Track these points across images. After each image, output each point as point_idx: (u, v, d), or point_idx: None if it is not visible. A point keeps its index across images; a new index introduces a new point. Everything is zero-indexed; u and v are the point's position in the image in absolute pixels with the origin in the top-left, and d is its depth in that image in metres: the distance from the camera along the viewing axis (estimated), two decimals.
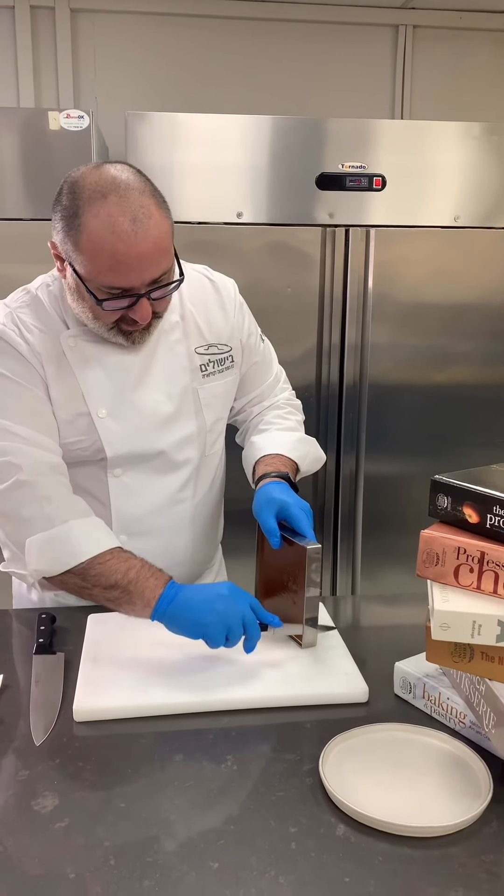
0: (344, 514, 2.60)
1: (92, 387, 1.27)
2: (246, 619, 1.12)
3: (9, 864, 0.82)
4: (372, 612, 1.55)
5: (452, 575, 0.99)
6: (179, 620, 1.13)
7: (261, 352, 1.48)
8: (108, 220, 1.09)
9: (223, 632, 1.10)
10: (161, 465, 1.35)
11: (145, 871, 0.80)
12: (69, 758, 0.98)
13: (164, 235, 1.14)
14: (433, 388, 2.54)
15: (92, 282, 1.14)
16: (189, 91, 2.94)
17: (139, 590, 1.15)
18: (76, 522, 1.20)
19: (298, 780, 0.94)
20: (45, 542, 1.19)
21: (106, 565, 1.17)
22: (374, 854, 0.82)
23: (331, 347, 2.45)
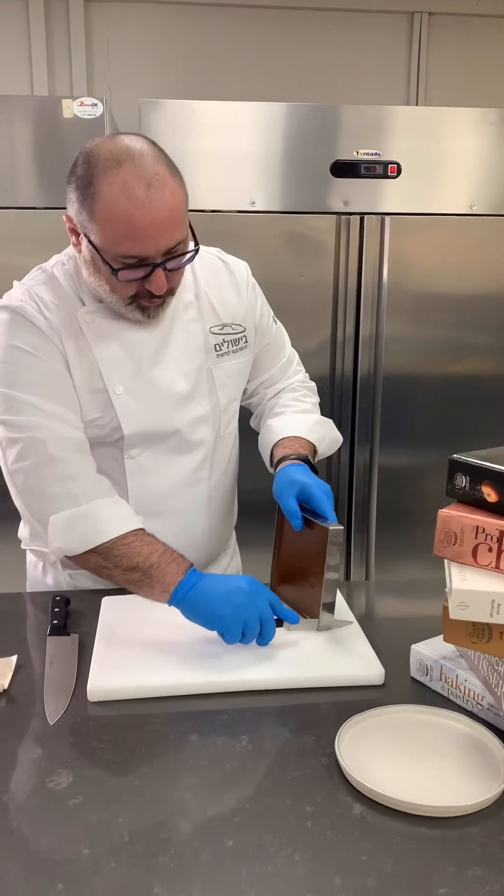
0: (358, 506, 2.58)
1: (109, 363, 1.27)
2: (263, 615, 1.11)
3: (23, 841, 0.81)
4: (387, 597, 1.54)
5: (471, 554, 0.97)
6: (197, 610, 1.13)
7: (273, 333, 1.47)
8: (122, 187, 1.09)
9: (240, 626, 1.09)
10: (177, 445, 1.34)
11: (160, 847, 0.79)
12: (83, 737, 0.98)
13: (178, 204, 1.14)
14: (448, 380, 2.52)
15: (107, 252, 1.14)
16: (202, 79, 2.93)
17: (160, 574, 1.15)
18: (101, 502, 1.20)
19: (314, 760, 0.93)
20: (70, 520, 1.19)
21: (129, 547, 1.18)
22: (392, 833, 0.81)
23: (345, 338, 2.44)
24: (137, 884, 0.75)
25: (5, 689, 1.08)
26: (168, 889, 0.74)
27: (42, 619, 1.29)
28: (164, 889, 0.74)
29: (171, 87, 2.86)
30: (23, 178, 2.29)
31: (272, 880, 0.75)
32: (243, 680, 1.07)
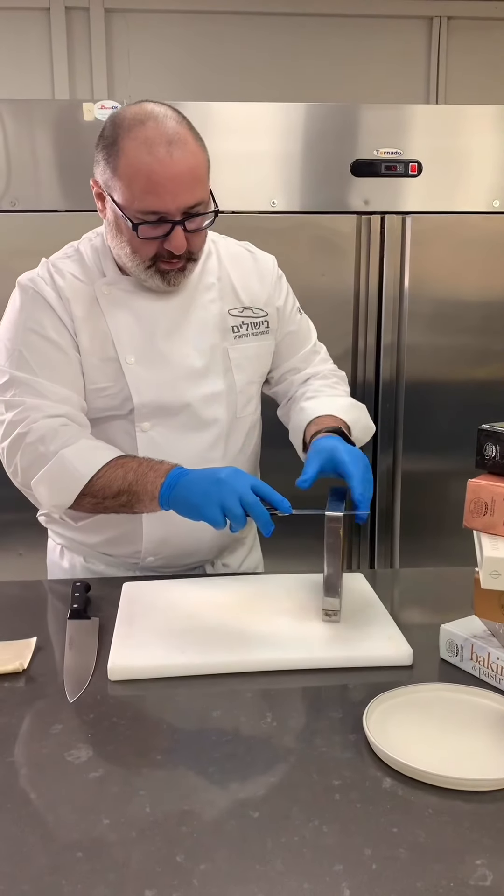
0: (381, 513, 2.54)
1: (122, 332, 1.28)
2: (244, 499, 1.09)
3: (42, 811, 0.79)
4: (414, 583, 1.50)
5: (502, 525, 0.94)
6: (180, 506, 1.15)
7: (297, 322, 1.47)
8: (145, 142, 1.14)
9: (219, 512, 1.09)
10: (189, 422, 1.33)
11: (183, 818, 0.77)
12: (103, 713, 0.95)
13: (199, 163, 1.17)
14: (471, 385, 2.49)
15: (129, 208, 1.17)
16: (222, 86, 2.95)
17: (142, 487, 1.18)
18: (66, 451, 1.23)
19: (341, 736, 0.90)
20: (46, 477, 1.23)
21: (104, 477, 1.21)
22: (424, 807, 0.78)
23: (366, 342, 2.42)
24: (159, 853, 0.72)
25: (24, 668, 1.06)
26: (190, 858, 0.71)
27: (62, 605, 1.26)
28: (186, 858, 0.71)
29: (190, 90, 2.88)
30: (44, 182, 2.31)
31: (299, 850, 0.72)
32: (267, 659, 1.04)
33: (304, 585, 1.26)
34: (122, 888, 0.68)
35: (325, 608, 1.14)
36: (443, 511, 2.53)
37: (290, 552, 1.60)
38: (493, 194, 2.41)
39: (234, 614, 1.16)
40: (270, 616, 1.15)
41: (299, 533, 1.73)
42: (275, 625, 1.13)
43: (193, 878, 0.69)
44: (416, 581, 1.51)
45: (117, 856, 0.72)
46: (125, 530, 1.36)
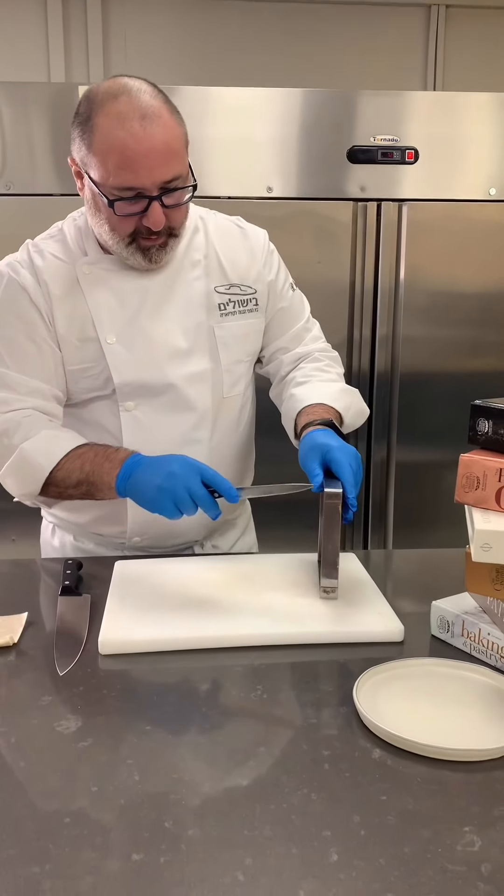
0: (375, 504, 2.54)
1: (102, 312, 1.28)
2: (193, 492, 1.11)
3: (31, 779, 0.79)
4: (405, 563, 1.50)
5: (494, 499, 0.94)
6: (136, 498, 1.17)
7: (288, 298, 1.44)
8: (118, 116, 1.13)
9: (171, 504, 1.12)
10: (173, 401, 1.32)
11: (171, 786, 0.76)
12: (93, 686, 0.95)
13: (174, 138, 1.16)
14: (466, 377, 2.49)
15: (105, 185, 1.16)
16: (219, 70, 2.94)
17: (99, 478, 1.20)
18: (26, 444, 1.25)
19: (332, 709, 0.90)
20: (10, 471, 1.26)
21: (63, 469, 1.23)
22: (412, 776, 0.78)
23: (362, 334, 2.41)
24: (147, 819, 0.72)
25: (15, 642, 1.05)
26: (178, 824, 0.71)
27: (54, 582, 1.26)
28: (174, 824, 0.71)
29: (187, 74, 2.87)
30: (40, 165, 2.30)
31: (287, 817, 0.72)
32: (258, 634, 1.04)
33: (295, 564, 1.26)
34: (110, 852, 0.68)
35: (324, 585, 1.14)
36: (436, 501, 2.53)
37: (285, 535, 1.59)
38: (489, 182, 2.40)
39: (226, 591, 1.16)
40: (262, 593, 1.15)
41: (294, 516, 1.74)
42: (266, 601, 1.13)
43: (181, 843, 0.69)
44: (408, 561, 1.51)
45: (105, 822, 0.72)
46: (111, 510, 1.35)
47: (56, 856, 0.67)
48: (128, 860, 0.67)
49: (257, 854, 0.67)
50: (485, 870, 0.66)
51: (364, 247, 2.37)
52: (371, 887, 0.64)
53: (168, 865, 0.66)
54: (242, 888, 0.64)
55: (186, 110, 2.34)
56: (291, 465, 1.45)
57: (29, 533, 1.61)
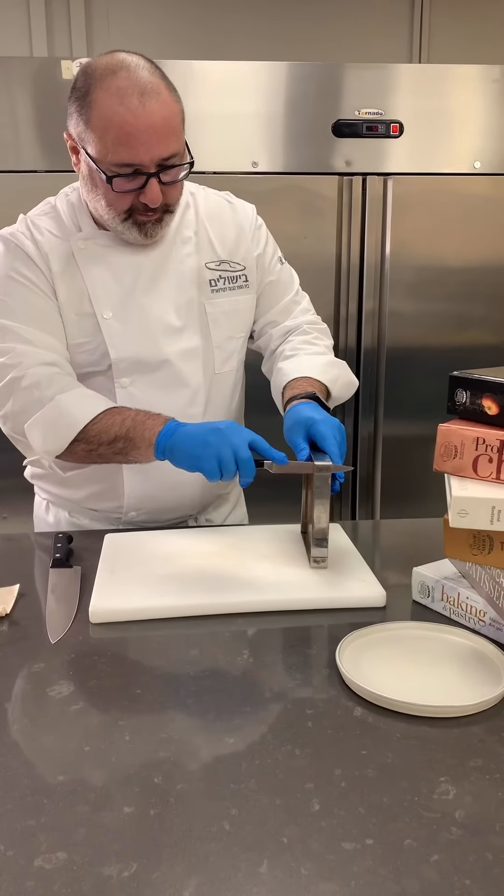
0: (362, 478, 2.57)
1: (98, 288, 1.29)
2: (238, 454, 1.11)
3: (25, 739, 0.82)
4: (388, 532, 1.53)
5: (471, 467, 0.97)
6: (177, 454, 1.16)
7: (277, 272, 1.46)
8: (117, 93, 1.13)
9: (215, 464, 1.11)
10: (167, 378, 1.34)
11: (160, 745, 0.79)
12: (84, 653, 0.98)
13: (173, 114, 1.16)
14: (452, 351, 2.51)
15: (103, 161, 1.16)
16: (202, 40, 2.92)
17: (140, 433, 1.19)
18: (63, 395, 1.24)
19: (315, 670, 0.93)
20: (41, 421, 1.24)
21: (101, 423, 1.23)
22: (392, 732, 0.81)
23: (348, 309, 2.42)
24: (137, 775, 0.75)
25: (7, 613, 1.08)
26: (168, 779, 0.74)
27: (45, 556, 1.29)
28: (163, 779, 0.74)
29: (171, 48, 2.85)
30: (23, 141, 2.29)
31: (272, 771, 0.75)
32: (244, 601, 1.07)
33: (282, 535, 1.29)
34: (102, 806, 0.71)
35: (315, 556, 1.16)
36: (423, 474, 2.53)
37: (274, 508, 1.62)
38: (474, 155, 2.41)
39: (214, 561, 1.19)
40: (249, 562, 1.18)
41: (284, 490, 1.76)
42: (253, 570, 1.15)
43: (170, 796, 0.72)
44: (393, 531, 1.54)
45: (97, 778, 0.75)
46: (108, 485, 1.37)
47: (50, 809, 0.71)
48: (119, 813, 0.70)
49: (243, 805, 0.71)
50: (458, 816, 0.69)
51: (350, 221, 2.37)
52: (351, 833, 0.67)
53: (158, 817, 0.69)
54: (229, 836, 0.67)
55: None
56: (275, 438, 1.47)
57: (21, 510, 1.63)
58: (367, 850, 0.65)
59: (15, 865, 0.64)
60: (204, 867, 0.64)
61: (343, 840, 0.66)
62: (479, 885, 0.62)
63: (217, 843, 0.66)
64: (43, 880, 0.63)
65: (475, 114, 2.39)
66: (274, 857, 0.65)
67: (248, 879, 0.63)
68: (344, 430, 1.22)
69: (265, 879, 0.63)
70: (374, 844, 0.66)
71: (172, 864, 0.64)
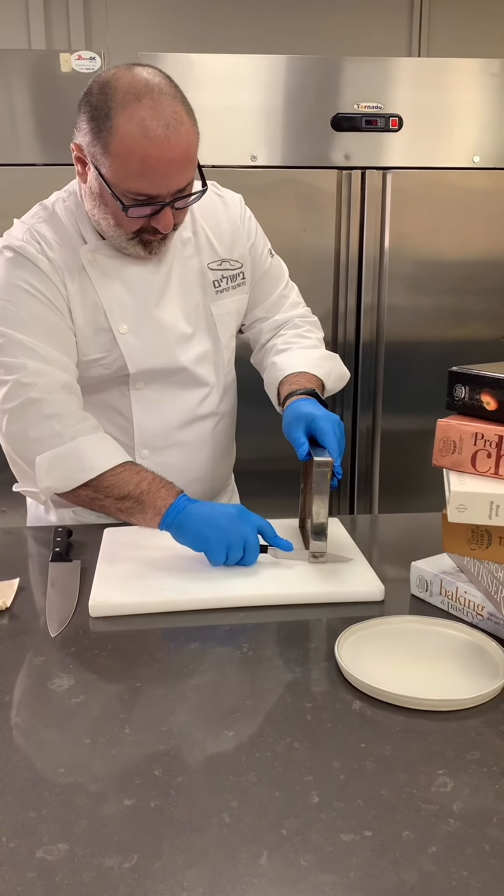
0: (361, 472, 2.58)
1: (113, 302, 1.28)
2: (248, 541, 1.12)
3: (26, 732, 0.82)
4: (387, 526, 1.54)
5: (470, 462, 0.97)
6: (185, 531, 1.15)
7: (267, 264, 1.45)
8: (141, 123, 1.08)
9: (223, 548, 1.12)
10: (183, 381, 1.35)
11: (160, 738, 0.80)
12: (85, 647, 0.98)
13: (193, 144, 1.14)
14: (450, 345, 2.51)
15: (118, 186, 1.14)
16: (202, 32, 2.91)
17: (151, 499, 1.18)
18: (85, 439, 1.22)
19: (314, 664, 0.94)
20: (56, 458, 1.21)
21: (119, 477, 1.21)
22: (391, 725, 0.82)
23: (347, 303, 2.42)
24: (138, 768, 0.75)
25: (7, 607, 1.08)
26: (167, 772, 0.75)
27: (44, 550, 1.29)
28: (163, 772, 0.75)
29: (169, 41, 2.84)
30: (22, 135, 2.28)
31: (271, 764, 0.76)
32: (243, 595, 1.08)
33: (281, 529, 1.29)
34: (103, 798, 0.72)
35: (314, 550, 1.17)
36: (421, 468, 2.54)
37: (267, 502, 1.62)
38: (473, 149, 2.41)
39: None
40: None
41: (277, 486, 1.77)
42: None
43: (170, 788, 0.73)
44: (391, 525, 1.54)
45: (98, 771, 0.75)
46: None
47: (51, 802, 0.71)
48: (120, 805, 0.71)
49: (242, 797, 0.71)
50: (456, 808, 0.70)
51: (349, 215, 2.37)
52: (350, 825, 0.68)
53: (158, 809, 0.70)
54: (228, 828, 0.68)
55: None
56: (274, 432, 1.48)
57: (19, 504, 1.62)
58: (365, 841, 0.66)
59: (17, 857, 0.65)
60: (204, 859, 0.65)
61: (342, 832, 0.67)
62: (477, 876, 0.63)
63: (217, 834, 0.67)
64: (44, 871, 0.63)
65: (474, 108, 2.38)
66: (274, 849, 0.65)
67: (248, 871, 0.63)
68: (343, 426, 1.23)
69: (265, 871, 0.63)
70: (372, 836, 0.67)
71: (173, 856, 0.65)
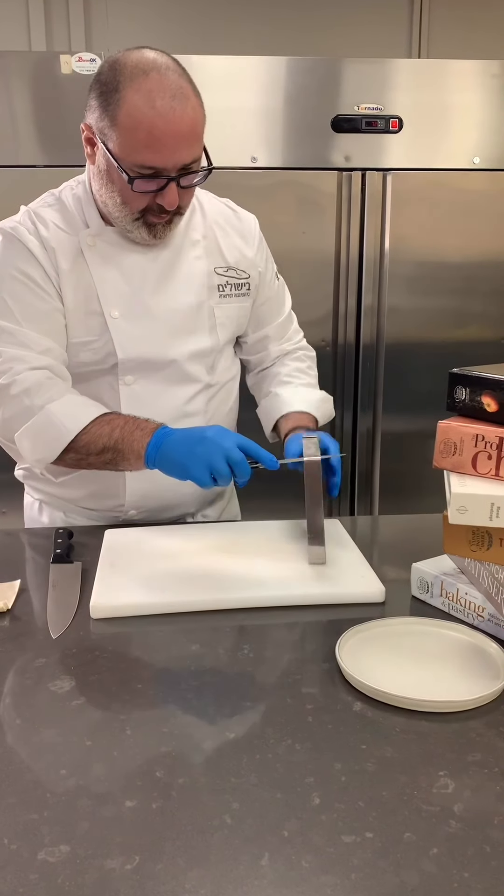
0: (361, 473, 2.58)
1: (107, 286, 1.28)
2: (231, 457, 1.12)
3: (27, 734, 0.82)
4: (387, 528, 1.54)
5: (470, 464, 0.97)
6: (167, 465, 1.17)
7: (275, 288, 1.48)
8: (148, 94, 1.11)
9: (206, 471, 1.12)
10: (172, 376, 1.35)
11: (162, 739, 0.80)
12: (86, 648, 0.98)
13: (199, 120, 1.17)
14: (450, 347, 2.51)
15: (125, 160, 1.16)
16: (202, 34, 2.92)
17: (128, 445, 1.20)
18: (53, 406, 1.24)
19: (315, 665, 0.94)
20: (31, 431, 1.24)
21: (90, 433, 1.23)
22: (391, 727, 0.82)
23: (347, 304, 2.42)
24: (139, 769, 0.76)
25: (9, 608, 1.08)
26: (169, 773, 0.75)
27: (44, 552, 1.29)
28: (165, 773, 0.75)
29: (170, 42, 2.81)
30: (22, 136, 2.28)
31: (272, 766, 0.76)
32: (244, 597, 1.08)
33: (282, 530, 1.30)
34: (105, 799, 0.72)
35: (311, 555, 1.17)
36: (421, 469, 2.55)
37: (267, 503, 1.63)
38: (473, 151, 2.41)
39: (214, 557, 1.19)
40: (249, 558, 1.19)
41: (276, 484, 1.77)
42: (253, 566, 1.16)
43: (172, 790, 0.73)
44: (392, 527, 1.55)
45: (99, 772, 0.75)
46: (108, 485, 1.37)
47: (53, 803, 0.71)
48: (121, 807, 0.71)
49: (244, 799, 0.71)
50: (457, 809, 0.70)
51: (349, 216, 2.37)
52: (351, 826, 0.68)
53: (160, 811, 0.70)
54: (230, 829, 0.68)
55: None
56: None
57: (18, 506, 1.63)
58: (366, 843, 0.66)
59: (19, 858, 0.65)
60: (206, 860, 0.65)
61: (343, 833, 0.67)
62: (478, 877, 0.63)
63: (218, 836, 0.67)
64: (46, 873, 0.64)
65: (474, 109, 2.39)
66: (275, 850, 0.65)
67: (250, 872, 0.63)
68: (338, 445, 1.28)
69: (266, 872, 0.63)
70: (373, 838, 0.67)
71: (174, 857, 0.65)
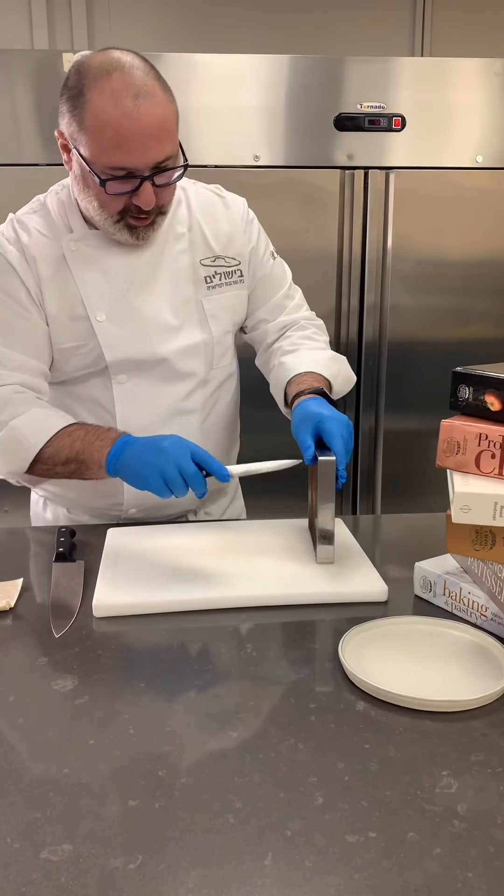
0: (363, 472, 2.58)
1: (91, 290, 1.28)
2: (184, 470, 1.12)
3: (30, 733, 0.82)
4: (390, 527, 1.54)
5: (474, 463, 0.97)
6: (126, 474, 1.19)
7: (269, 266, 1.45)
8: (112, 94, 1.11)
9: (160, 482, 1.13)
10: (165, 374, 1.34)
11: (165, 738, 0.80)
12: (88, 647, 0.98)
13: (167, 117, 1.15)
14: (453, 345, 2.51)
15: (96, 163, 1.15)
16: (204, 32, 2.91)
17: (89, 455, 1.21)
18: (16, 421, 1.25)
19: (318, 664, 0.94)
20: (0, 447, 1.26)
21: (52, 447, 1.25)
22: (395, 726, 0.82)
23: (350, 303, 2.42)
24: (142, 768, 0.76)
25: (11, 607, 1.08)
26: (172, 773, 0.75)
27: (47, 550, 1.29)
28: (168, 773, 0.75)
29: (172, 40, 2.84)
30: (24, 135, 2.28)
31: (276, 765, 0.76)
32: (247, 596, 1.08)
33: (284, 529, 1.29)
34: (107, 799, 0.72)
35: (321, 552, 1.16)
36: (424, 468, 2.55)
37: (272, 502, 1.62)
38: (476, 149, 2.40)
39: (216, 555, 1.19)
40: (251, 557, 1.19)
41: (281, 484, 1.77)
42: (255, 565, 1.16)
43: (175, 790, 0.73)
44: (394, 526, 1.54)
45: (102, 771, 0.75)
46: (106, 484, 1.36)
47: (56, 802, 0.71)
48: (124, 806, 0.71)
49: (247, 799, 0.71)
50: (461, 809, 0.70)
51: (351, 215, 2.37)
52: (354, 826, 0.68)
53: (163, 810, 0.70)
54: (233, 829, 0.68)
55: (171, 78, 2.32)
56: (277, 435, 1.47)
57: (21, 504, 1.63)
58: (370, 843, 0.66)
59: (21, 857, 0.65)
60: (209, 859, 0.65)
61: (346, 833, 0.67)
62: (482, 877, 0.63)
63: (221, 835, 0.67)
64: (49, 872, 0.64)
65: (477, 108, 2.38)
66: (278, 850, 0.65)
67: (253, 871, 0.63)
68: (351, 426, 1.21)
69: (269, 872, 0.63)
70: (377, 837, 0.67)
71: (177, 857, 0.65)
